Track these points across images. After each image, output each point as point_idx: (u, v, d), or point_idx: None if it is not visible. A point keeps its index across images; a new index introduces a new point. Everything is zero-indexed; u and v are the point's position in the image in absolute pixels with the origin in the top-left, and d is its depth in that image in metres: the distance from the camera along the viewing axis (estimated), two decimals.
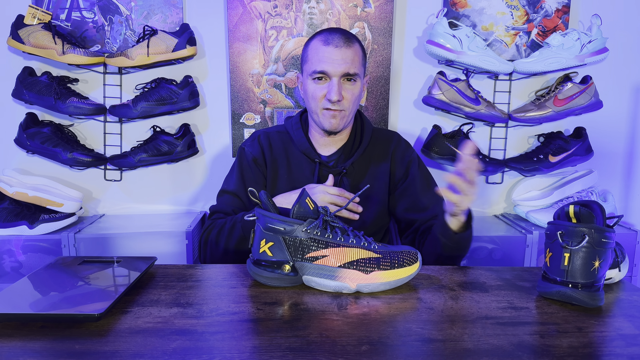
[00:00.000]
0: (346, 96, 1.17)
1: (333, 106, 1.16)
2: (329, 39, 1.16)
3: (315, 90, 1.18)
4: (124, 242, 1.62)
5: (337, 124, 1.19)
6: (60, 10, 1.72)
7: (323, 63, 1.15)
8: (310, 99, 1.20)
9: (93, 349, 0.61)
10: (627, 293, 0.82)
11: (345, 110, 1.19)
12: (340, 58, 1.14)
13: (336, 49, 1.14)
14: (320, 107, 1.18)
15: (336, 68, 1.14)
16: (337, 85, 1.15)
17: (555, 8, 1.78)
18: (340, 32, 1.18)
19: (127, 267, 0.87)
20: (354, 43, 1.17)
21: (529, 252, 1.67)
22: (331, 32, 1.18)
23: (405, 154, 1.29)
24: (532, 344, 0.63)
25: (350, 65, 1.15)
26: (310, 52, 1.18)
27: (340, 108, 1.17)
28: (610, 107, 1.85)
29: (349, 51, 1.15)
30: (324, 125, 1.20)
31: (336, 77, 1.15)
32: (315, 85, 1.17)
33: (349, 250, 0.80)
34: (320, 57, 1.15)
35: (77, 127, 1.80)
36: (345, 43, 1.15)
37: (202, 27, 1.78)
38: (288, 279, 0.81)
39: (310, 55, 1.18)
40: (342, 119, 1.19)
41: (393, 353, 0.60)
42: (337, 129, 1.21)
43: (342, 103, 1.17)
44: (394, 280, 0.80)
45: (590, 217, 0.74)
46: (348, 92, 1.17)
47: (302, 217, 0.80)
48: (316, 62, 1.16)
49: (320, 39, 1.17)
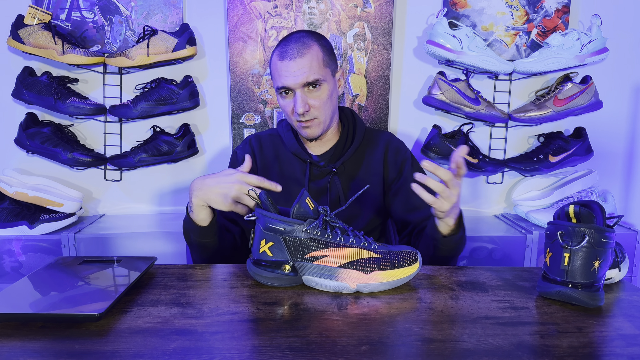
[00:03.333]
0: (313, 104, 1.15)
1: (303, 117, 1.16)
2: (283, 52, 1.14)
3: (284, 106, 1.18)
4: (124, 242, 1.62)
5: (312, 132, 1.19)
6: (60, 10, 1.72)
7: (282, 78, 1.14)
8: (284, 114, 1.21)
9: (93, 349, 0.61)
10: (627, 293, 0.82)
11: (318, 118, 1.17)
12: (297, 69, 1.12)
13: (291, 62, 1.12)
14: (293, 120, 1.19)
15: (296, 80, 1.13)
16: (300, 98, 1.14)
17: (555, 8, 1.79)
18: (294, 40, 1.15)
19: (127, 267, 0.87)
20: (310, 47, 1.14)
21: (529, 252, 1.67)
22: (286, 43, 1.16)
23: (398, 153, 1.28)
24: (532, 344, 0.63)
25: (309, 73, 1.13)
26: (272, 68, 1.18)
27: (311, 117, 1.17)
28: (610, 107, 1.85)
29: (304, 60, 1.13)
30: (302, 135, 1.22)
31: (298, 90, 1.14)
32: (283, 101, 1.18)
33: (349, 250, 0.80)
34: (279, 72, 1.15)
35: (77, 127, 1.80)
36: (299, 52, 1.13)
37: (202, 27, 1.78)
38: (288, 279, 0.81)
39: (272, 72, 1.19)
40: (317, 126, 1.19)
41: (393, 353, 0.60)
42: (315, 136, 1.21)
43: (311, 112, 1.16)
44: (394, 280, 0.80)
45: (590, 217, 0.74)
46: (314, 100, 1.15)
47: (302, 217, 0.80)
48: (277, 78, 1.16)
49: (277, 54, 1.16)
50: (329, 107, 1.19)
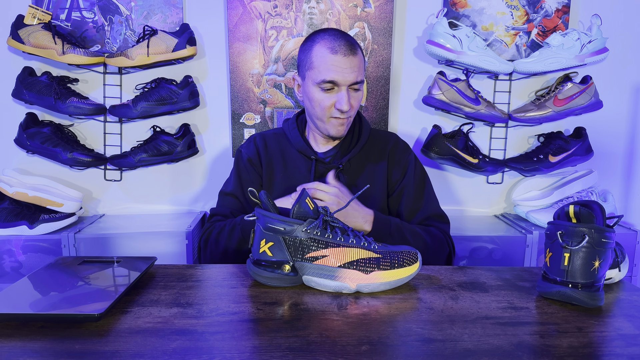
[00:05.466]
0: (354, 104, 1.18)
1: (342, 115, 1.18)
2: (335, 46, 1.13)
3: (323, 100, 1.17)
4: (124, 242, 1.62)
5: (343, 130, 1.22)
6: (60, 10, 1.72)
7: (332, 73, 1.13)
8: (317, 107, 1.19)
9: (93, 349, 0.61)
10: (627, 293, 0.82)
11: (351, 117, 1.21)
12: (349, 67, 1.13)
13: (344, 58, 1.13)
14: (327, 115, 1.19)
15: (346, 77, 1.14)
16: (347, 95, 1.15)
17: (555, 8, 1.78)
18: (345, 38, 1.16)
19: (127, 267, 0.87)
20: (358, 49, 1.17)
21: (529, 252, 1.67)
22: (336, 38, 1.15)
23: (403, 155, 1.30)
24: (532, 344, 0.63)
25: (358, 73, 1.15)
26: (316, 59, 1.15)
27: (348, 115, 1.19)
28: (610, 107, 1.85)
29: (356, 59, 1.15)
30: (330, 132, 1.21)
31: (345, 87, 1.15)
32: (323, 94, 1.17)
33: (349, 250, 0.80)
34: (329, 66, 1.13)
35: (77, 127, 1.80)
36: (352, 51, 1.14)
37: (202, 27, 1.78)
38: (288, 279, 0.81)
39: (316, 63, 1.15)
40: (347, 125, 1.22)
41: (393, 353, 0.60)
42: (343, 135, 1.23)
43: (350, 111, 1.18)
44: (394, 280, 0.80)
45: (590, 217, 0.74)
46: (355, 100, 1.18)
47: (302, 217, 0.80)
48: (324, 71, 1.14)
49: (327, 47, 1.14)
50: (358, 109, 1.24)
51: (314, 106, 1.19)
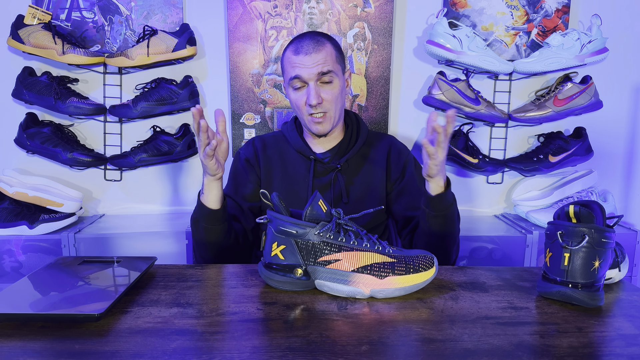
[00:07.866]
0: (326, 97, 1.19)
1: (315, 110, 1.19)
2: (298, 47, 1.19)
3: (296, 99, 1.21)
4: (124, 242, 1.62)
5: (323, 128, 1.23)
6: (60, 10, 1.72)
7: (296, 69, 1.18)
8: (295, 108, 1.24)
9: (93, 349, 0.61)
10: (627, 293, 0.82)
11: (329, 112, 1.21)
12: (311, 63, 1.17)
13: (306, 56, 1.17)
14: (305, 114, 1.22)
15: (309, 71, 1.17)
16: (314, 90, 1.17)
17: (555, 8, 1.78)
18: (309, 37, 1.20)
19: (127, 267, 0.87)
20: (324, 44, 1.19)
21: (529, 252, 1.67)
22: (301, 39, 1.20)
23: (401, 155, 1.32)
24: (532, 344, 0.63)
25: (323, 65, 1.17)
26: (285, 63, 1.22)
27: (323, 110, 1.20)
28: (610, 107, 1.85)
29: (321, 54, 1.17)
30: (312, 130, 1.24)
31: (312, 82, 1.18)
32: (296, 94, 1.21)
33: (363, 254, 0.78)
34: (292, 65, 1.19)
35: (77, 127, 1.80)
36: (315, 48, 1.17)
37: (202, 27, 1.78)
38: (300, 283, 0.79)
39: (285, 66, 1.22)
40: (327, 121, 1.22)
41: (393, 353, 0.60)
42: (325, 132, 1.24)
43: (323, 105, 1.19)
44: (409, 285, 0.78)
45: (590, 217, 0.74)
46: (327, 93, 1.19)
47: (314, 220, 0.78)
48: (290, 70, 1.19)
49: (291, 49, 1.20)
50: (339, 103, 1.23)
51: (293, 107, 1.24)
